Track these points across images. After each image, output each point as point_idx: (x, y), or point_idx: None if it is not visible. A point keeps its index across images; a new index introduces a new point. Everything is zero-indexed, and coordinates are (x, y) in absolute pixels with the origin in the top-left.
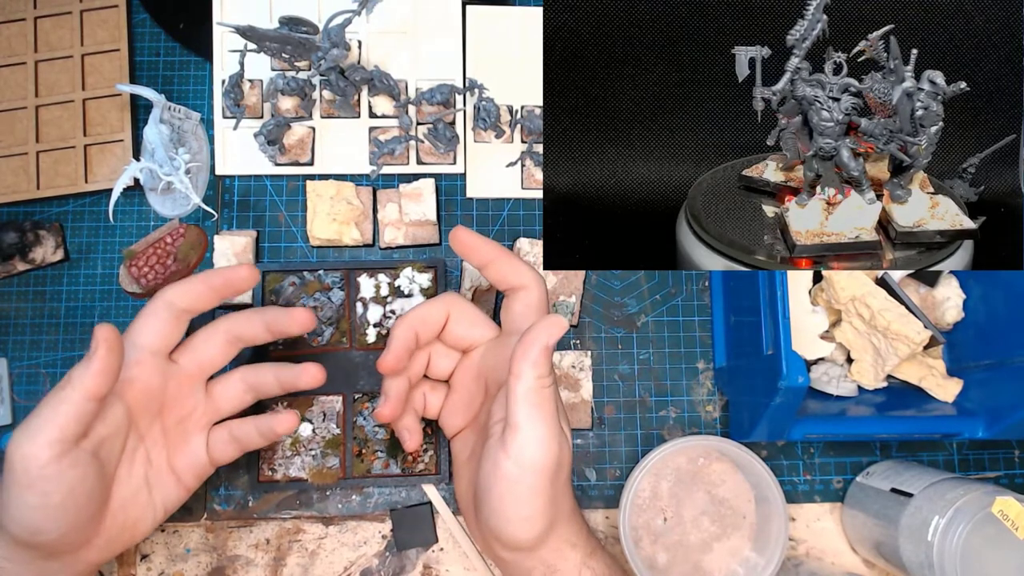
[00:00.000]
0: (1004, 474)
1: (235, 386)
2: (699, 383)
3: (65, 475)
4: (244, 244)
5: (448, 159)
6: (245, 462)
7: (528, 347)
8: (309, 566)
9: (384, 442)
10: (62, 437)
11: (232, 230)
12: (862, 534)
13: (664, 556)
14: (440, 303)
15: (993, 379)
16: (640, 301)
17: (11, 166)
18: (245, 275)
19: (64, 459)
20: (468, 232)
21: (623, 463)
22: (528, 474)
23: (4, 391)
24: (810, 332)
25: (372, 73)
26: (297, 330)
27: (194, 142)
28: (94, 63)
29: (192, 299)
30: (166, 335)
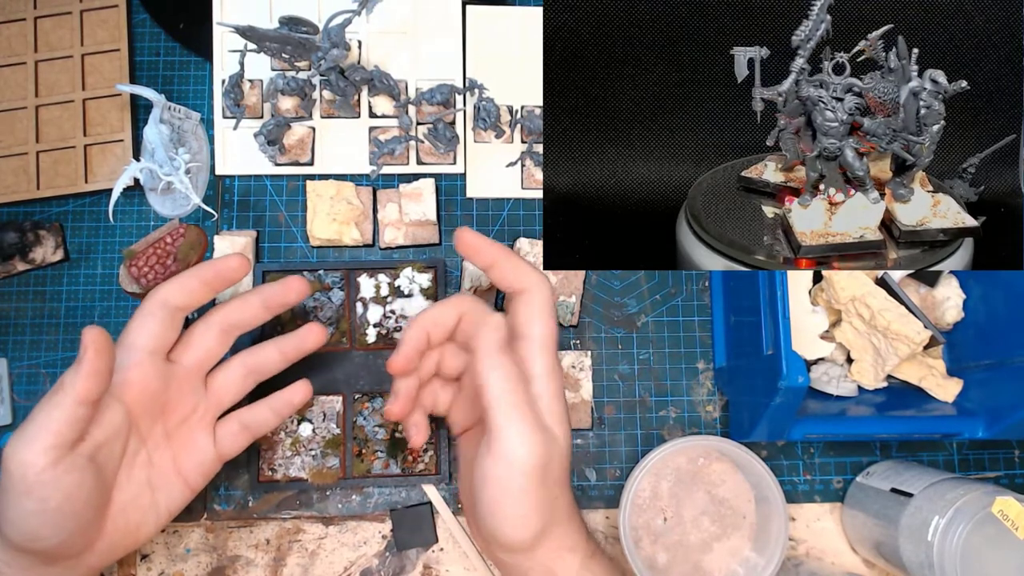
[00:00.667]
0: (1004, 474)
1: (235, 372)
2: (699, 383)
3: (62, 480)
4: (244, 244)
5: (448, 159)
6: (245, 462)
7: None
8: (309, 566)
9: (384, 442)
10: (57, 443)
11: (232, 230)
12: (862, 534)
13: (664, 556)
14: (452, 305)
15: (993, 379)
16: (640, 301)
17: (11, 166)
18: (235, 265)
19: (60, 464)
20: (472, 233)
21: (623, 463)
22: (516, 475)
23: (4, 391)
24: (810, 332)
25: (372, 73)
26: (294, 298)
27: (194, 142)
28: (94, 63)
29: (185, 296)
30: (162, 335)
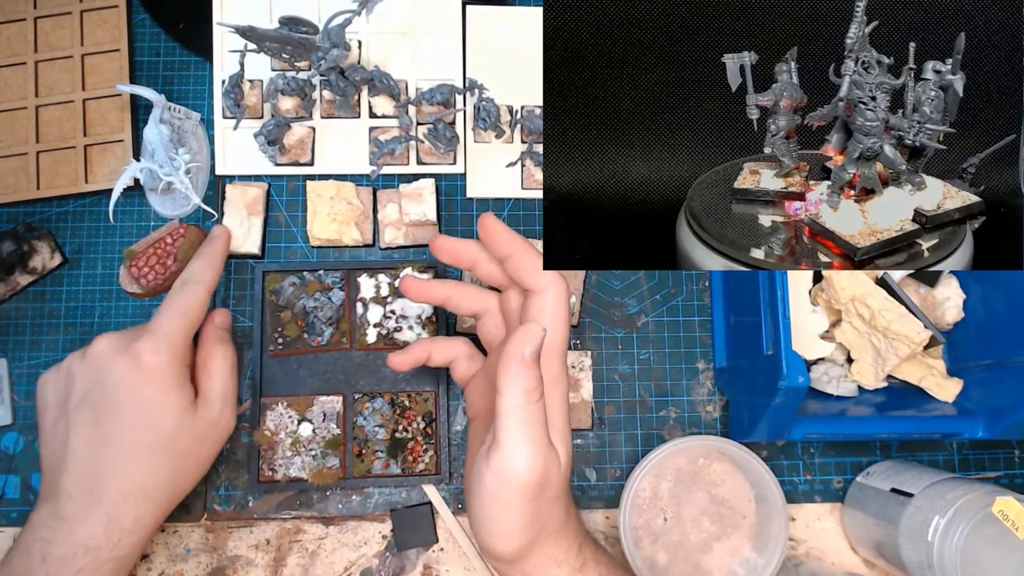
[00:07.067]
0: (1004, 474)
1: None
2: (699, 383)
3: None
4: (255, 195)
5: (448, 159)
6: (245, 462)
7: (507, 361)
8: (309, 566)
9: (384, 442)
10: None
11: (243, 181)
12: (862, 534)
13: (664, 556)
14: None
15: (993, 379)
16: (640, 301)
17: (11, 166)
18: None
19: None
20: (495, 220)
21: (623, 463)
22: (508, 491)
23: (4, 391)
24: (810, 332)
25: (372, 73)
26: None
27: (194, 142)
28: (94, 63)
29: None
30: None
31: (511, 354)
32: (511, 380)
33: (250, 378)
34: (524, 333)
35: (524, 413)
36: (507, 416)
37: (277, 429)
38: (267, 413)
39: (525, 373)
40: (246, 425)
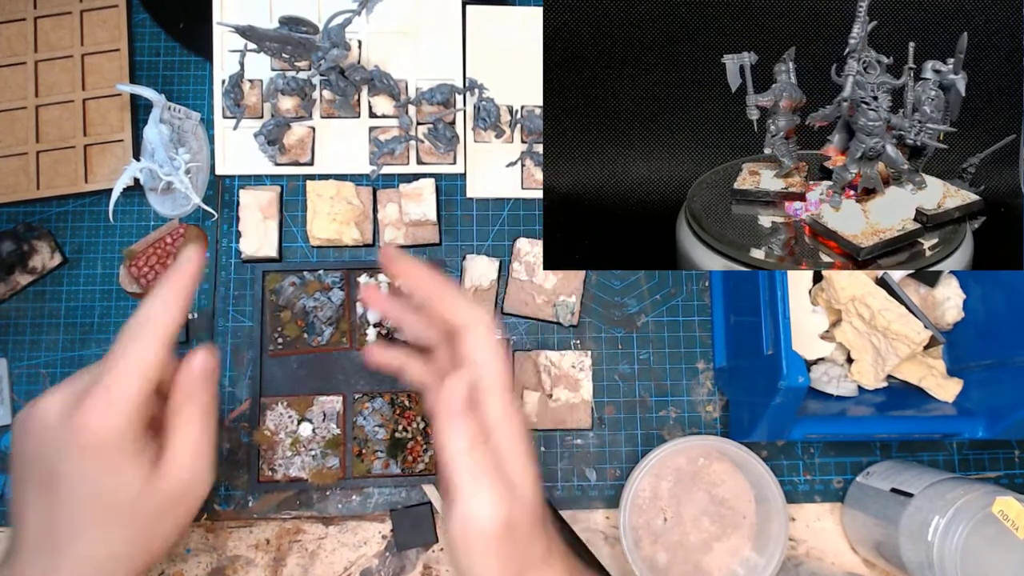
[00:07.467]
0: (1004, 474)
1: None
2: (699, 383)
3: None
4: (269, 198)
5: (448, 159)
6: (245, 462)
7: (441, 416)
8: (309, 566)
9: (384, 442)
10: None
11: (256, 185)
12: (862, 534)
13: (664, 556)
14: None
15: (993, 379)
16: (640, 301)
17: (11, 166)
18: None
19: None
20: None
21: (623, 463)
22: (476, 539)
23: (4, 391)
24: (810, 332)
25: (372, 73)
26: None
27: (194, 142)
28: (94, 63)
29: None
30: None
31: (442, 409)
32: (449, 433)
33: (250, 378)
34: (450, 384)
35: (470, 461)
36: (454, 468)
37: (277, 429)
38: (267, 413)
39: (460, 423)
40: (246, 425)
